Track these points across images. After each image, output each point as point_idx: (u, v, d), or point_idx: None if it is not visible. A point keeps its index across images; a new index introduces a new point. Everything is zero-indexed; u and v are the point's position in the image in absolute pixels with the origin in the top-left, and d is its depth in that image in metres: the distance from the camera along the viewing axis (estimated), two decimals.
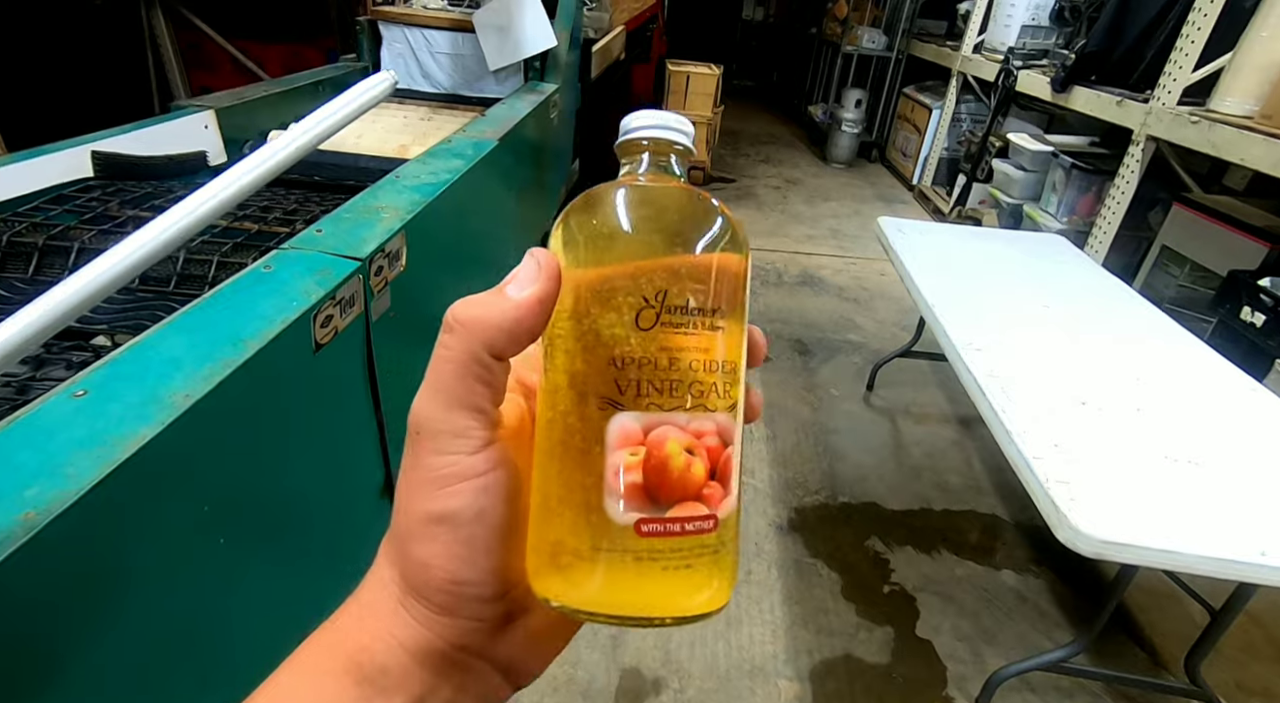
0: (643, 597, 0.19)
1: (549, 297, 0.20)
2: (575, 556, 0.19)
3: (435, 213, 1.00)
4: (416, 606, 0.20)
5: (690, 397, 0.20)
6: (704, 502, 0.20)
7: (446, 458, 0.20)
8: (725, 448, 0.20)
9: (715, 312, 0.20)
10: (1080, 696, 1.25)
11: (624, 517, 0.19)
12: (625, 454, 0.19)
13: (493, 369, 0.20)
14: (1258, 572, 0.85)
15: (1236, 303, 1.87)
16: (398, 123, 1.69)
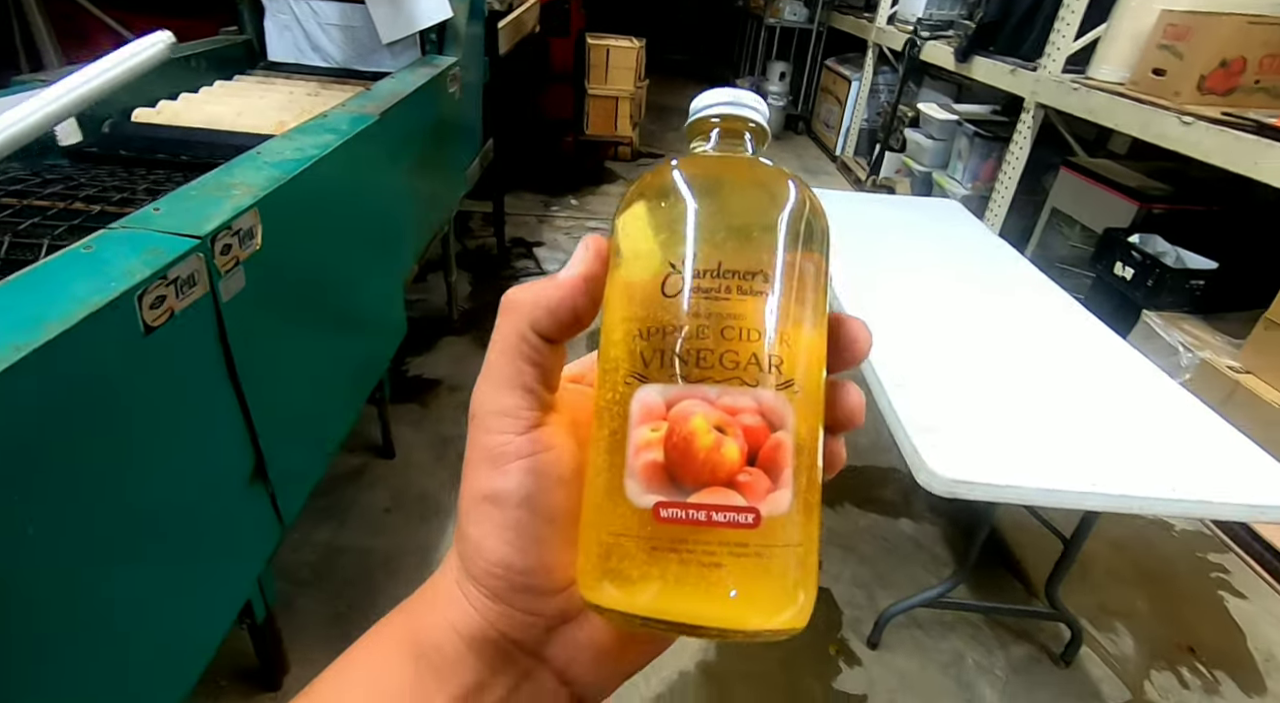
0: (667, 598, 0.17)
1: (592, 275, 0.20)
2: (600, 546, 0.18)
3: (300, 190, 0.97)
4: (471, 589, 0.20)
5: (722, 368, 0.17)
6: (739, 490, 0.17)
7: (496, 437, 0.19)
8: (772, 432, 0.17)
9: (756, 276, 0.18)
10: (961, 627, 1.35)
11: (642, 499, 0.17)
12: (646, 430, 0.17)
13: (540, 350, 0.20)
14: (1089, 500, 0.94)
15: (1111, 259, 2.01)
16: (281, 99, 1.61)
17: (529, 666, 0.20)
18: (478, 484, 0.19)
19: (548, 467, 0.19)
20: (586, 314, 0.20)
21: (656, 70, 5.15)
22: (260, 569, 0.95)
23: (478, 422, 0.20)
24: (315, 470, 1.09)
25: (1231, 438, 1.02)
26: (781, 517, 0.17)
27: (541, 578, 0.19)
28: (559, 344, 0.20)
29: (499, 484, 0.19)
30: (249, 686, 1.14)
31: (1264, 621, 1.40)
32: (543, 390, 0.20)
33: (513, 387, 0.20)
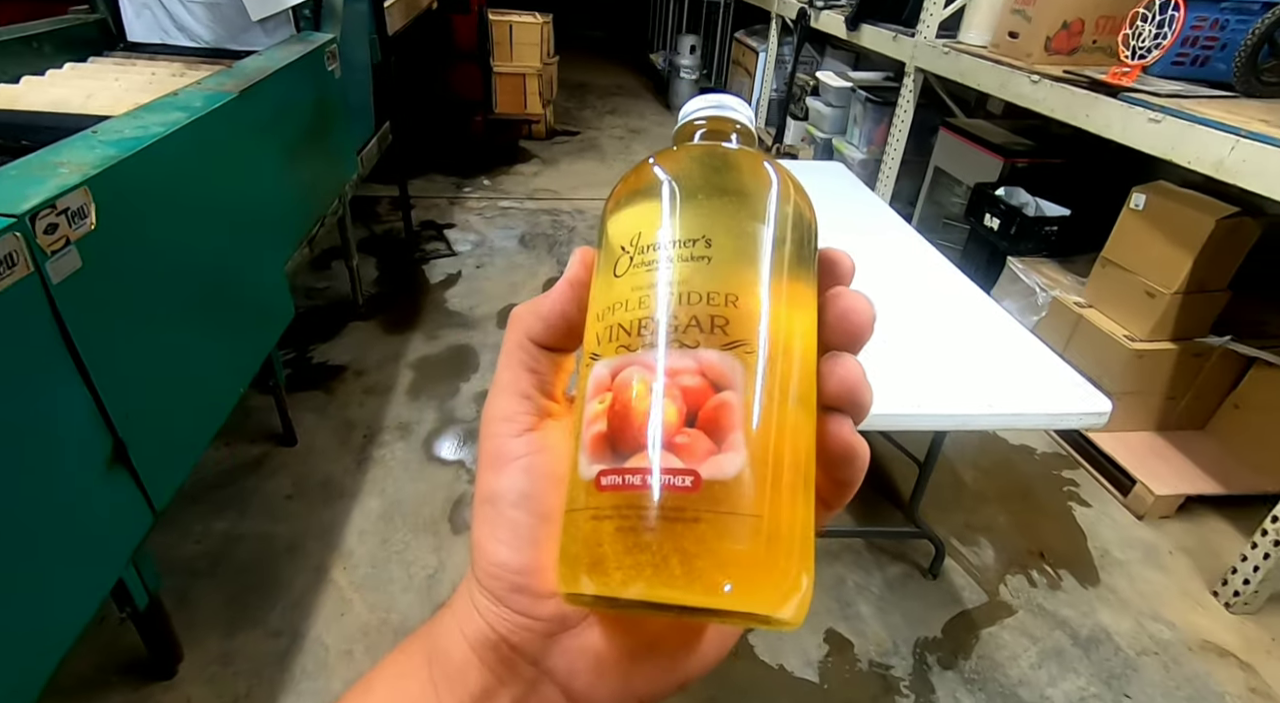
0: (616, 572, 0.16)
1: (578, 281, 0.21)
2: (564, 531, 0.18)
3: (145, 169, 0.95)
4: (478, 593, 0.20)
5: (661, 333, 0.17)
6: (676, 453, 0.16)
7: (495, 441, 0.20)
8: (715, 392, 0.16)
9: (697, 242, 0.18)
10: (845, 555, 1.46)
11: (588, 471, 0.17)
12: (595, 404, 0.17)
13: (536, 357, 0.21)
14: (920, 420, 1.04)
15: (981, 211, 2.16)
16: (141, 81, 1.54)
17: (533, 677, 0.20)
18: (480, 487, 0.20)
19: (543, 467, 0.20)
20: (577, 319, 0.21)
21: (570, 47, 5.10)
22: (129, 554, 0.94)
23: (483, 428, 0.21)
24: (189, 456, 1.08)
25: (1048, 360, 1.15)
26: (728, 481, 0.16)
27: (537, 579, 0.19)
28: (558, 353, 0.21)
29: (496, 485, 0.20)
30: (140, 678, 1.13)
31: (1103, 523, 1.58)
32: (540, 396, 0.21)
33: (511, 393, 0.21)
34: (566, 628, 0.20)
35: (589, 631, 0.20)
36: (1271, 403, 1.60)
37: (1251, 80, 1.57)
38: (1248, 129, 1.31)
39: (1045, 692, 1.22)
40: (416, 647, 0.21)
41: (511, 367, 0.21)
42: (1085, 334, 1.76)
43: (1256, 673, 1.27)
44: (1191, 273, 1.55)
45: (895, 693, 1.21)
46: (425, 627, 0.21)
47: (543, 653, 0.19)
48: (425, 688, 0.20)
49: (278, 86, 1.43)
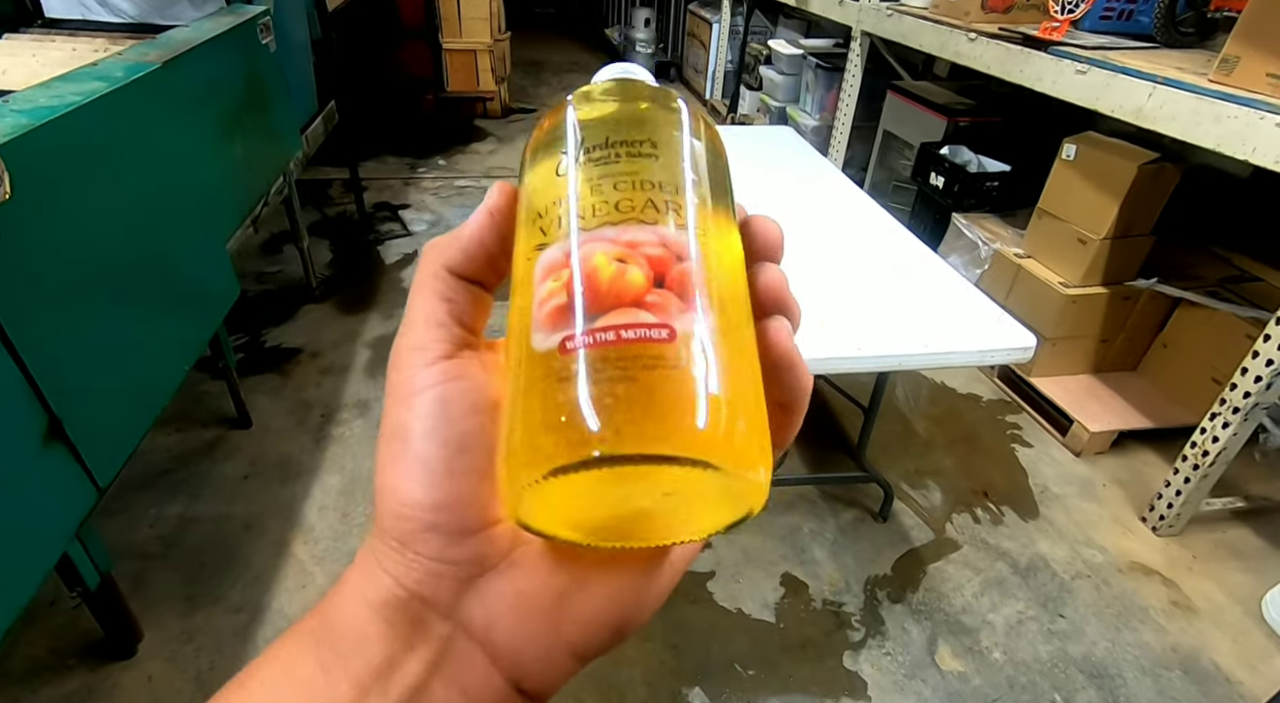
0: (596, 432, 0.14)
1: (498, 208, 0.20)
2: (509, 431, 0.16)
3: (60, 138, 0.92)
4: (381, 546, 0.18)
5: (618, 212, 0.17)
6: (648, 310, 0.16)
7: (404, 372, 0.19)
8: (679, 262, 0.17)
9: (644, 142, 0.19)
10: (800, 504, 1.52)
11: (548, 342, 0.16)
12: (549, 283, 0.17)
13: (452, 287, 0.20)
14: (862, 363, 1.08)
15: (927, 170, 2.21)
16: (60, 57, 1.48)
17: (448, 634, 0.18)
18: (386, 423, 0.19)
19: (458, 395, 0.18)
20: (496, 249, 0.20)
21: (523, 24, 5.01)
22: (72, 530, 0.93)
23: (391, 362, 0.19)
24: (132, 432, 1.07)
25: (982, 305, 1.20)
26: (703, 336, 0.16)
27: (452, 516, 0.17)
28: (478, 287, 0.20)
29: (403, 418, 0.18)
30: (99, 659, 1.13)
31: (1043, 462, 1.66)
32: (456, 327, 0.20)
33: (425, 323, 0.19)
34: (486, 569, 0.18)
35: (512, 570, 0.18)
36: (1195, 341, 1.69)
37: (1171, 31, 1.63)
38: (1164, 76, 1.37)
39: (987, 617, 1.29)
40: (301, 631, 0.18)
41: (425, 296, 0.20)
42: (1024, 283, 1.82)
43: (1178, 587, 1.36)
44: (1118, 218, 1.62)
45: (847, 628, 1.27)
46: (311, 611, 0.19)
47: (458, 602, 0.18)
48: (312, 674, 0.17)
49: (206, 59, 1.39)
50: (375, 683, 0.17)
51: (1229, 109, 1.22)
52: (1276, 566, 1.41)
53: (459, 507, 0.17)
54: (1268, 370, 1.23)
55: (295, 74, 2.01)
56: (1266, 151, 1.17)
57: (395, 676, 0.17)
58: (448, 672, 0.18)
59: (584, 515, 0.17)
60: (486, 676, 0.18)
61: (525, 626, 0.18)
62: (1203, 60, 1.47)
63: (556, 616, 0.18)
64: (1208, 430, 1.35)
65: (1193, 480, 1.39)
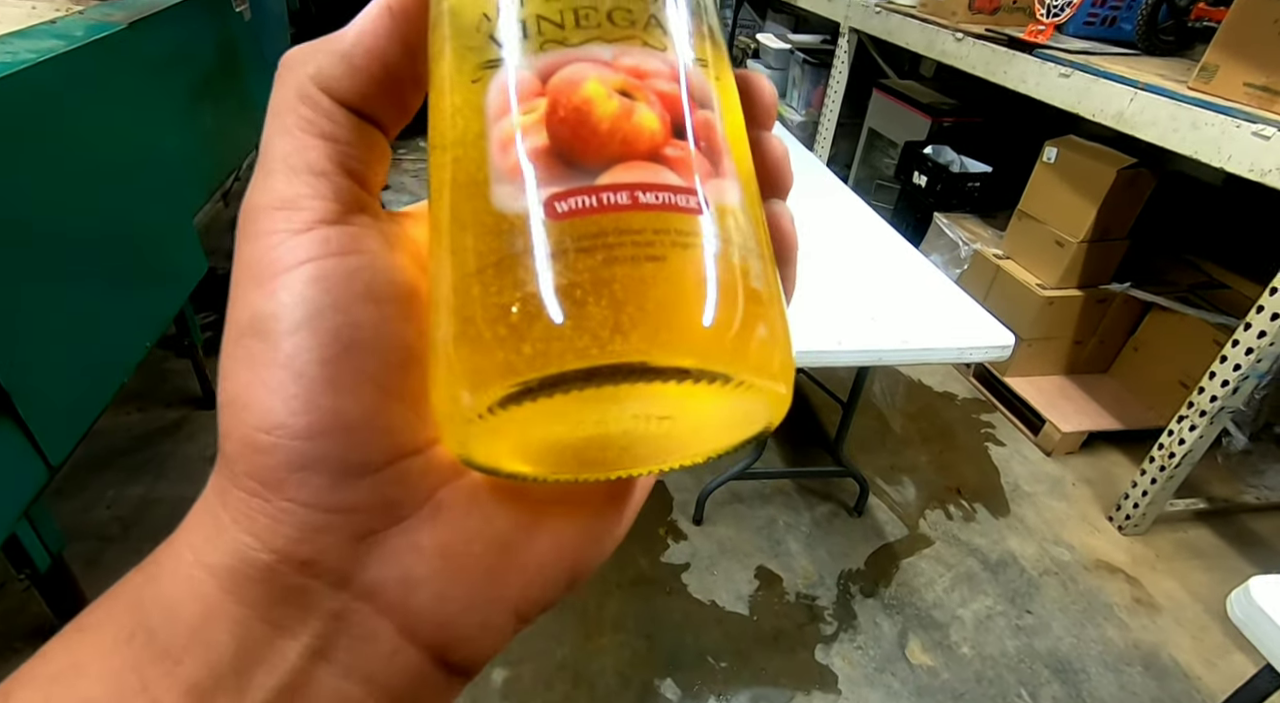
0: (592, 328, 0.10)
1: (400, 3, 0.14)
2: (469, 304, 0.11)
3: (10, 96, 0.87)
4: (233, 493, 0.12)
5: (613, 26, 0.12)
6: (669, 166, 0.12)
7: (263, 242, 0.13)
8: (699, 108, 0.12)
9: None
10: (777, 497, 1.52)
11: (523, 200, 0.11)
12: (514, 117, 0.12)
13: (333, 116, 0.13)
14: (840, 357, 1.08)
15: (910, 169, 2.22)
16: (20, 14, 1.40)
17: (338, 608, 0.12)
18: (236, 314, 0.13)
19: (346, 273, 0.13)
20: (400, 67, 0.14)
21: None
22: (21, 509, 0.89)
23: (242, 229, 0.13)
24: (88, 409, 1.03)
25: (962, 303, 1.20)
26: (736, 211, 0.12)
27: (339, 444, 0.12)
28: (370, 125, 0.14)
29: (264, 305, 0.12)
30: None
31: (1014, 460, 1.69)
32: (340, 176, 0.13)
33: (291, 171, 0.13)
34: (394, 520, 0.13)
35: (436, 517, 0.13)
36: (1165, 345, 1.72)
37: (1153, 38, 1.66)
38: (1144, 82, 1.39)
39: (957, 612, 1.31)
40: (107, 616, 0.12)
41: (290, 132, 0.13)
42: (1003, 284, 1.84)
43: (1141, 585, 1.39)
44: (1096, 222, 1.64)
45: (820, 621, 1.27)
46: (124, 580, 0.13)
47: (355, 565, 0.12)
48: (122, 680, 0.11)
49: (174, 23, 1.34)
50: (222, 691, 0.12)
51: (1206, 117, 1.24)
52: (1235, 565, 1.45)
53: (348, 432, 0.12)
54: (1235, 375, 1.25)
55: (271, 45, 1.94)
56: (1241, 160, 1.19)
57: (256, 672, 0.12)
58: (338, 657, 0.12)
59: (550, 443, 0.12)
60: (396, 653, 0.13)
61: (456, 587, 0.13)
62: (1183, 68, 1.49)
63: (497, 570, 0.13)
64: (1174, 433, 1.38)
65: (1158, 482, 1.41)
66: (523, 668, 1.12)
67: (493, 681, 1.10)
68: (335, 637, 0.12)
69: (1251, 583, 0.66)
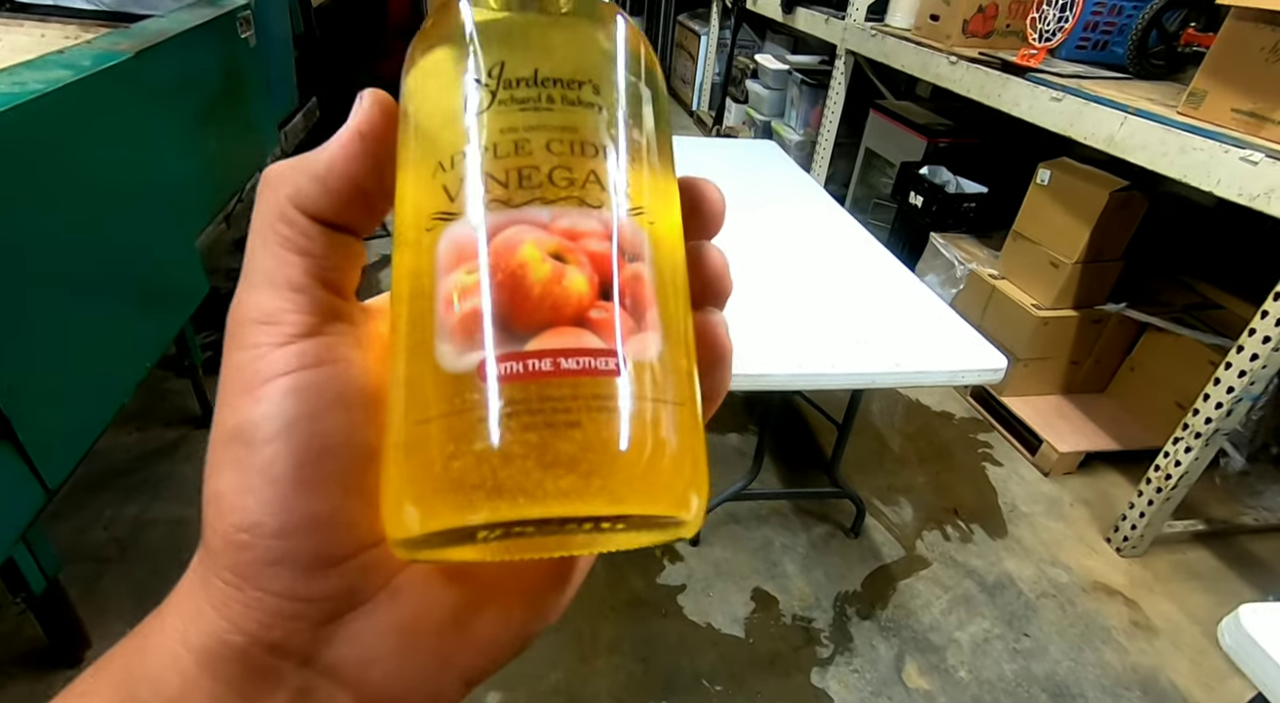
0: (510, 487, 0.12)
1: (371, 130, 0.15)
2: (405, 451, 0.13)
3: (19, 127, 0.89)
4: (214, 581, 0.14)
5: (553, 186, 0.13)
6: (593, 329, 0.13)
7: (248, 353, 0.14)
8: (629, 262, 0.13)
9: (585, 85, 0.14)
10: (774, 518, 1.52)
11: (460, 362, 0.12)
12: (460, 274, 0.13)
13: (309, 234, 0.15)
14: (833, 380, 1.08)
15: (907, 189, 2.24)
16: (28, 42, 1.44)
17: (302, 684, 0.14)
18: (221, 421, 0.14)
19: (320, 384, 0.14)
20: (370, 184, 0.15)
21: None
22: (18, 533, 0.90)
23: (231, 338, 0.15)
24: (86, 432, 1.03)
25: (955, 325, 1.21)
26: (653, 364, 0.13)
27: (308, 542, 0.14)
28: (343, 232, 0.15)
29: (248, 415, 0.14)
30: (41, 667, 1.08)
31: (1012, 480, 1.69)
32: (318, 288, 0.15)
33: (273, 286, 0.14)
34: (355, 605, 0.14)
35: (393, 600, 0.15)
36: (1161, 366, 1.73)
37: (1143, 62, 1.68)
38: (1135, 106, 1.40)
39: (954, 635, 1.30)
40: (99, 682, 0.14)
41: (270, 248, 0.15)
42: (998, 304, 1.85)
43: (1139, 608, 1.38)
44: (1089, 243, 1.65)
45: (816, 643, 1.26)
46: (115, 650, 0.15)
47: (319, 646, 0.14)
48: None
49: (181, 50, 1.36)
50: None
51: (1195, 141, 1.26)
52: (1234, 587, 1.45)
53: (316, 531, 0.14)
54: (1228, 397, 1.26)
55: (276, 69, 1.98)
56: (1229, 184, 1.21)
57: None
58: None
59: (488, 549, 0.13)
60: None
61: (409, 663, 0.15)
62: (1173, 93, 1.52)
63: (448, 645, 0.15)
64: (1170, 454, 1.38)
65: (1156, 503, 1.41)
66: (517, 693, 1.11)
67: None
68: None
69: (1241, 611, 0.66)
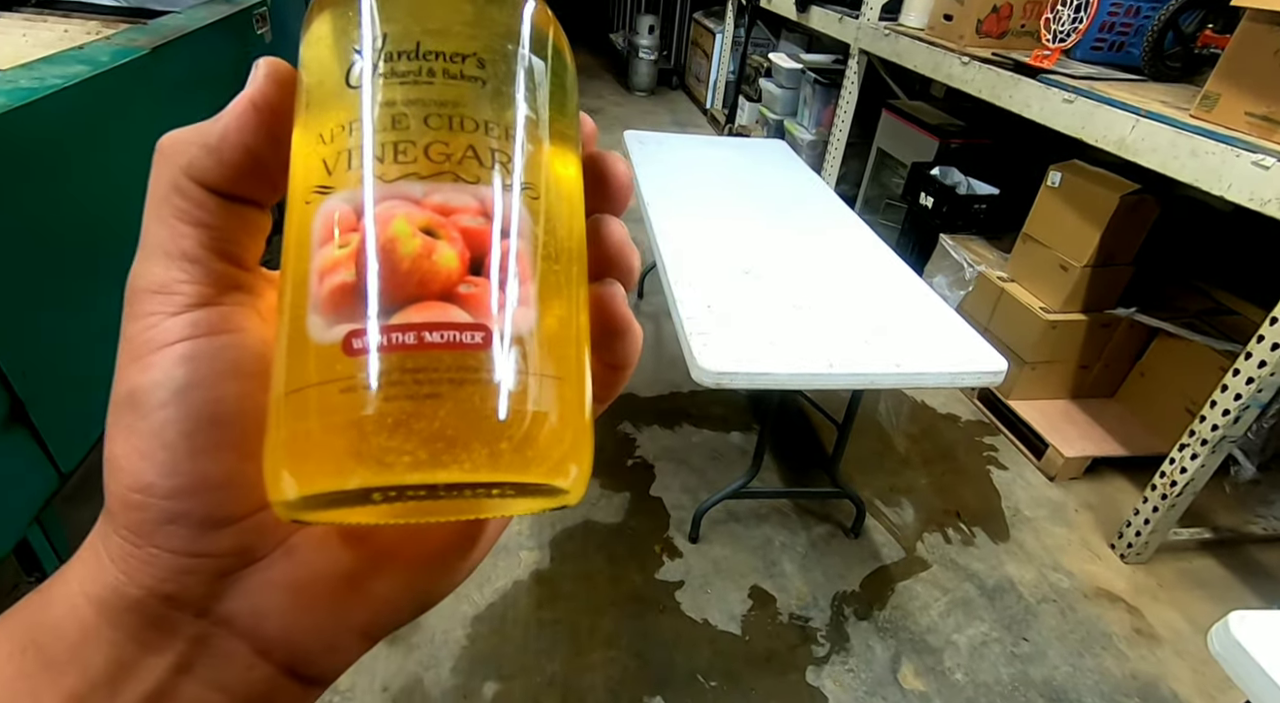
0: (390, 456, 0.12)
1: (264, 98, 0.15)
2: (277, 419, 0.13)
3: (38, 120, 0.92)
4: (112, 536, 0.15)
5: (428, 161, 0.14)
6: (461, 305, 0.13)
7: (141, 322, 0.15)
8: (503, 238, 0.14)
9: (468, 58, 0.14)
10: (774, 517, 1.52)
11: (329, 333, 0.13)
12: (332, 249, 0.13)
13: (204, 205, 0.15)
14: (833, 380, 1.08)
15: (917, 190, 2.23)
16: (51, 38, 1.48)
17: (200, 632, 0.15)
18: (118, 387, 0.15)
19: (212, 353, 0.15)
20: (266, 154, 0.15)
21: None
22: (32, 515, 0.93)
23: (127, 307, 0.15)
24: (100, 417, 1.06)
25: (958, 327, 1.21)
26: (525, 338, 0.13)
27: (200, 503, 0.14)
28: (241, 203, 0.15)
29: (139, 380, 0.14)
30: None
31: (1017, 485, 1.68)
32: (214, 260, 0.15)
33: (164, 255, 0.15)
34: (249, 561, 0.15)
35: (287, 558, 0.15)
36: (1171, 371, 1.71)
37: (1158, 64, 1.66)
38: (1147, 109, 1.39)
39: (951, 637, 1.30)
40: (4, 634, 0.15)
41: (164, 220, 0.15)
42: (1007, 307, 1.84)
43: (1141, 615, 1.37)
44: (1100, 246, 1.64)
45: (812, 643, 1.27)
46: (20, 603, 0.15)
47: (214, 599, 0.15)
48: (14, 687, 0.14)
49: (197, 46, 1.39)
50: (97, 698, 0.14)
51: (1207, 145, 1.24)
52: (1240, 596, 1.43)
53: (208, 492, 0.14)
54: (1236, 404, 1.24)
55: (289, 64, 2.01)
56: (1241, 188, 1.19)
57: (127, 683, 0.14)
58: (199, 672, 0.15)
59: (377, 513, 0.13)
60: (251, 668, 0.15)
61: (304, 617, 0.15)
62: (1187, 95, 1.49)
63: (343, 602, 0.16)
64: (1176, 461, 1.37)
65: (1161, 510, 1.40)
66: (513, 683, 1.13)
67: (483, 694, 1.11)
68: (197, 655, 0.15)
69: (1231, 618, 0.65)
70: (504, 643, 1.20)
